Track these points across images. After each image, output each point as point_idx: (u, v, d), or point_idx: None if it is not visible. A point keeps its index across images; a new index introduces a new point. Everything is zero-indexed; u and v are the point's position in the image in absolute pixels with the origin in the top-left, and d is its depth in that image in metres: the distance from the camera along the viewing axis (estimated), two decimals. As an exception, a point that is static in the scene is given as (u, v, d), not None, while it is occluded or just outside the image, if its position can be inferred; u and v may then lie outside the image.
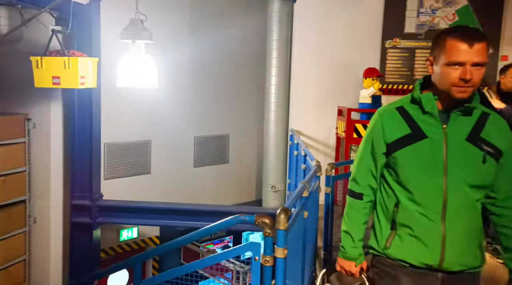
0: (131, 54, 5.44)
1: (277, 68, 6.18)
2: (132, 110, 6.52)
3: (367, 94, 5.55)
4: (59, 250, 6.12)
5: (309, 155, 4.04)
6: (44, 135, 5.80)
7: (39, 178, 5.90)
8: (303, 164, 4.16)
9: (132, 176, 6.68)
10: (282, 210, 2.24)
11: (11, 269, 5.80)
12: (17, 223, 5.84)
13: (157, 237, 7.10)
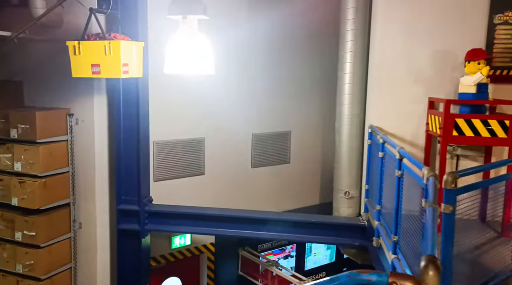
0: (181, 33, 4.57)
1: (352, 53, 5.11)
2: (184, 104, 5.82)
3: (471, 82, 4.36)
4: (106, 258, 5.57)
5: (411, 159, 3.01)
6: (87, 132, 5.26)
7: (83, 180, 5.38)
8: (398, 170, 3.16)
9: (183, 177, 6.02)
10: (429, 263, 1.30)
11: (56, 278, 5.33)
12: (61, 229, 5.36)
13: (212, 245, 6.41)
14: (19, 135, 4.91)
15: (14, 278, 5.25)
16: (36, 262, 5.09)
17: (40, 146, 4.91)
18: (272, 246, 6.96)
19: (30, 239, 5.07)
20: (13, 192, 5.03)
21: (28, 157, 4.93)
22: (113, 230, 5.51)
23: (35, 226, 5.04)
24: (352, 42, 5.09)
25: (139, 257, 5.34)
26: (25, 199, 4.98)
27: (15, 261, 5.20)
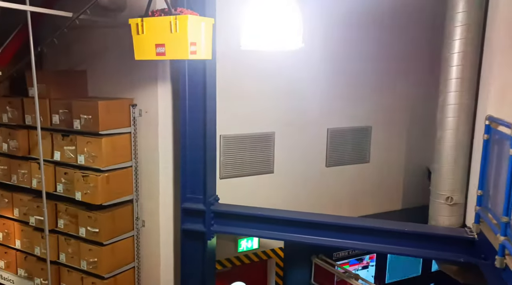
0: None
1: (465, 27, 4.12)
2: (252, 94, 5.29)
3: None
4: (169, 259, 5.23)
5: None
6: (151, 124, 4.92)
7: (147, 176, 5.06)
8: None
9: (251, 175, 5.51)
10: None
11: (119, 278, 5.08)
12: (124, 226, 5.10)
13: (281, 250, 5.85)
14: (82, 126, 4.69)
15: (78, 275, 5.09)
16: (100, 260, 4.87)
17: (103, 138, 4.66)
18: (348, 255, 6.24)
19: (93, 235, 4.86)
20: (76, 186, 4.84)
21: (91, 150, 4.70)
22: (177, 230, 5.15)
23: (98, 223, 4.82)
24: (464, 13, 4.10)
25: (204, 260, 4.91)
26: (88, 194, 4.77)
27: (79, 257, 5.03)
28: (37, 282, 5.41)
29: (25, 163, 5.29)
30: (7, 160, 5.46)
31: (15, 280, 5.75)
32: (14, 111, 5.19)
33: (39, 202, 5.21)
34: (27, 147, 5.25)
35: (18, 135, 5.19)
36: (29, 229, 5.43)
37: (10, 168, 5.46)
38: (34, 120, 5.02)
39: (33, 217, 5.30)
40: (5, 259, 5.77)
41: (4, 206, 5.63)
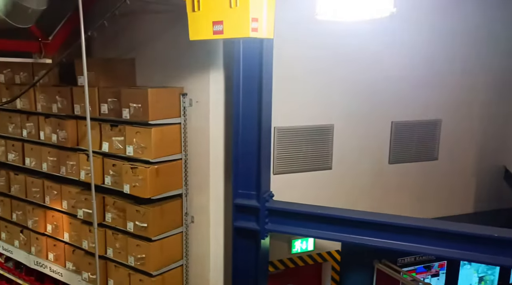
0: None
1: None
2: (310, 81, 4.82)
3: None
4: (219, 258, 4.92)
5: None
6: (202, 115, 4.61)
7: (197, 169, 4.76)
8: None
9: (306, 171, 5.08)
10: None
11: (167, 276, 4.83)
12: (173, 222, 4.83)
13: (338, 252, 5.39)
14: (131, 116, 4.46)
15: (125, 271, 4.89)
16: (148, 256, 4.63)
17: (153, 129, 4.39)
18: (415, 261, 5.65)
19: (141, 230, 4.62)
20: (124, 179, 4.62)
21: (140, 141, 4.46)
22: (228, 227, 4.82)
23: (146, 217, 4.57)
24: None
25: (257, 260, 4.55)
26: (136, 186, 4.53)
27: (126, 253, 4.82)
28: (85, 276, 5.27)
29: (73, 154, 5.16)
30: (56, 151, 5.36)
31: (63, 273, 5.66)
32: (64, 100, 5.06)
33: (87, 194, 5.06)
34: (75, 138, 5.11)
35: (67, 126, 5.06)
36: (77, 222, 5.30)
37: (59, 160, 5.35)
38: (83, 109, 4.86)
39: (81, 210, 5.16)
40: (54, 251, 5.69)
41: (53, 198, 5.54)
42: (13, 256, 6.34)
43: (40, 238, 5.81)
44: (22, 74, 5.50)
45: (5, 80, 5.72)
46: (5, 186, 6.10)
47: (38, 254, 5.89)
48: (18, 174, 5.91)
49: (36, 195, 5.72)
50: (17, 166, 5.95)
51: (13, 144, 5.87)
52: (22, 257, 6.18)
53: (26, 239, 6.01)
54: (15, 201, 6.06)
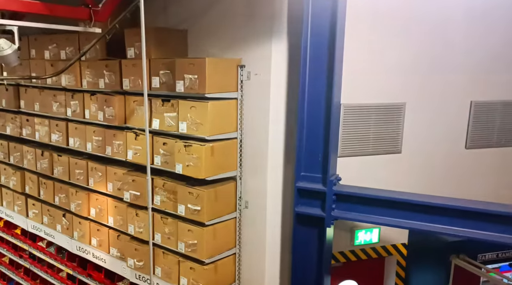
0: None
1: None
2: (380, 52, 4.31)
3: None
4: (276, 247, 4.49)
5: None
6: (261, 90, 4.19)
7: (253, 149, 4.35)
8: None
9: (374, 154, 4.58)
10: None
11: (220, 264, 4.45)
12: (226, 207, 4.44)
13: (404, 245, 4.87)
14: (186, 89, 4.08)
15: (175, 258, 4.54)
16: (200, 242, 4.26)
17: (209, 103, 4.00)
18: (497, 258, 5.04)
19: (194, 214, 4.25)
20: (177, 158, 4.26)
21: (195, 116, 4.08)
22: (286, 214, 4.40)
23: (200, 200, 4.20)
24: None
25: (321, 251, 4.11)
26: (190, 166, 4.16)
27: (176, 239, 4.47)
28: (130, 263, 4.97)
29: (120, 133, 4.85)
30: (102, 130, 5.07)
31: (107, 260, 5.38)
32: (111, 75, 4.75)
33: (135, 175, 4.74)
34: (123, 115, 4.79)
35: (115, 102, 4.74)
36: (123, 205, 5.00)
37: (104, 139, 5.06)
38: (133, 83, 4.53)
39: (127, 192, 4.84)
40: (98, 236, 5.41)
41: (98, 180, 5.26)
42: (55, 241, 6.13)
43: (83, 223, 5.55)
44: (68, 49, 5.24)
45: (50, 56, 5.48)
46: (48, 168, 5.89)
47: (80, 239, 5.64)
48: (62, 155, 5.68)
49: (80, 177, 5.46)
50: (60, 147, 5.72)
51: (57, 124, 5.64)
52: (64, 242, 5.96)
53: (69, 223, 5.77)
54: (58, 184, 5.83)
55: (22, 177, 6.38)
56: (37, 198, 6.23)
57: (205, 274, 4.30)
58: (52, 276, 6.44)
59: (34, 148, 6.06)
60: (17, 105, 6.20)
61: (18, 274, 7.09)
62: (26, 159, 6.22)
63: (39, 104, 5.84)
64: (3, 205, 6.89)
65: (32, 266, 6.80)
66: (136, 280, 5.05)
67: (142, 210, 4.77)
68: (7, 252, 7.28)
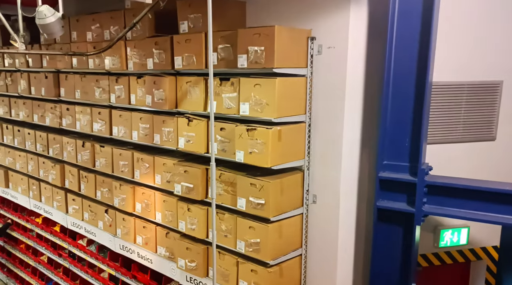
0: None
1: None
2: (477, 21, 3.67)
3: None
4: (349, 249, 3.91)
5: None
6: (335, 65, 3.61)
7: (324, 135, 3.77)
8: None
9: (463, 142, 3.94)
10: None
11: (285, 266, 3.89)
12: (292, 201, 3.88)
13: (495, 249, 4.19)
14: (250, 63, 3.55)
15: (233, 258, 4.01)
16: (264, 241, 3.71)
17: (277, 79, 3.46)
18: None
19: (257, 209, 3.71)
20: (237, 144, 3.73)
21: (260, 95, 3.54)
22: (362, 210, 3.80)
23: (264, 192, 3.65)
24: None
25: (407, 254, 3.49)
26: (254, 153, 3.62)
27: (235, 237, 3.95)
28: (181, 263, 4.47)
29: (170, 119, 4.38)
30: (149, 117, 4.61)
31: (153, 260, 4.91)
32: (161, 53, 4.28)
33: (187, 166, 4.25)
34: (174, 99, 4.31)
35: (165, 83, 4.27)
36: (173, 199, 4.52)
37: (152, 127, 4.60)
38: (187, 61, 4.04)
39: (178, 184, 4.36)
40: (144, 234, 4.96)
41: (144, 172, 4.80)
42: (96, 239, 5.72)
43: (128, 219, 5.11)
44: (112, 28, 4.82)
45: (93, 37, 5.08)
46: (89, 161, 5.49)
47: (124, 237, 5.20)
48: (104, 146, 5.26)
49: (124, 169, 5.02)
50: (103, 137, 5.32)
51: (99, 112, 5.23)
52: (106, 240, 5.54)
53: (112, 220, 5.35)
54: (100, 177, 5.42)
55: (62, 171, 6.02)
56: (77, 193, 5.86)
57: (269, 277, 3.75)
58: (93, 277, 6.04)
59: (74, 139, 5.69)
60: (57, 93, 5.85)
61: (57, 274, 6.74)
62: (66, 151, 5.86)
63: (80, 91, 5.46)
64: (42, 200, 6.56)
65: (71, 265, 6.43)
66: (187, 283, 4.56)
67: (195, 204, 4.28)
68: (45, 250, 6.96)
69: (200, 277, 4.34)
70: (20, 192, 6.99)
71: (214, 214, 3.27)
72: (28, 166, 6.63)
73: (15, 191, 7.11)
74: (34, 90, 6.22)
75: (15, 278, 7.90)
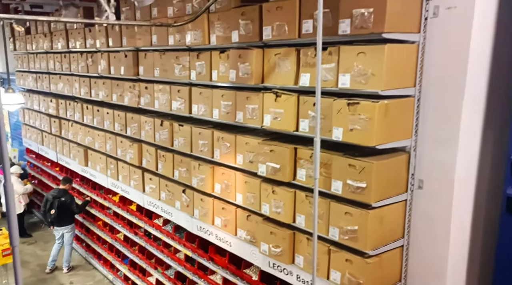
0: None
1: None
2: None
3: None
4: (463, 243, 3.42)
5: None
6: (457, 30, 3.09)
7: (437, 111, 3.28)
8: None
9: None
10: None
11: (385, 257, 3.49)
12: (394, 186, 3.45)
13: None
14: (354, 28, 3.14)
15: (324, 246, 3.67)
16: (363, 229, 3.33)
17: (387, 45, 3.02)
18: None
19: (356, 193, 3.33)
20: (335, 121, 3.36)
21: (365, 64, 3.13)
22: (484, 198, 3.29)
23: (365, 175, 3.26)
24: None
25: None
26: (355, 131, 3.23)
27: (327, 223, 3.60)
28: (264, 248, 4.22)
29: (255, 95, 4.09)
30: (232, 93, 4.36)
31: (233, 243, 4.71)
32: (248, 24, 3.99)
33: (274, 145, 3.95)
34: (260, 73, 4.01)
35: (252, 56, 3.98)
36: (256, 180, 4.26)
37: (235, 104, 4.35)
38: (277, 31, 3.71)
39: (263, 165, 4.08)
40: (223, 216, 4.77)
41: (225, 152, 4.58)
42: (173, 219, 5.66)
43: (206, 200, 4.95)
44: (194, 1, 4.60)
45: (174, 12, 4.90)
46: (167, 140, 5.39)
47: (202, 218, 5.06)
48: (183, 124, 5.12)
49: (204, 148, 4.85)
50: (182, 116, 5.18)
51: (178, 90, 5.08)
52: (183, 221, 5.45)
53: (189, 200, 5.22)
54: (178, 156, 5.31)
55: (139, 150, 6.00)
56: (154, 172, 5.81)
57: (368, 269, 3.38)
58: (168, 257, 6.02)
59: (152, 118, 5.62)
60: (136, 72, 5.80)
61: (132, 252, 6.84)
62: (143, 130, 5.82)
63: (159, 69, 5.35)
64: (119, 179, 6.63)
65: (147, 244, 6.47)
66: (269, 268, 4.31)
67: (281, 186, 3.98)
68: (122, 228, 7.08)
69: (285, 263, 4.06)
70: (98, 171, 7.14)
71: (316, 199, 2.94)
72: (107, 145, 6.72)
73: (94, 169, 7.28)
74: (113, 70, 6.24)
75: (93, 253, 8.19)
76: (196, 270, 5.44)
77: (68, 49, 7.37)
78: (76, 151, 7.70)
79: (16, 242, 1.61)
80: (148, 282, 6.51)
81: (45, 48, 8.20)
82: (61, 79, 7.92)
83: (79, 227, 8.51)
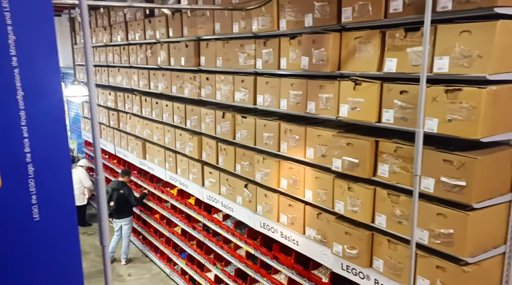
0: None
1: None
2: None
3: None
4: None
5: None
6: None
7: None
8: None
9: None
10: None
11: (484, 265, 3.07)
12: (497, 185, 3.02)
13: None
14: (457, 4, 2.75)
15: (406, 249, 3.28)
16: (460, 233, 2.94)
17: (499, 22, 2.60)
18: None
19: (452, 192, 2.94)
20: (429, 110, 2.97)
21: (469, 45, 2.72)
22: None
23: (465, 172, 2.86)
24: None
25: None
26: (454, 121, 2.84)
27: (415, 225, 3.22)
28: (337, 249, 3.91)
29: (330, 83, 3.77)
30: (303, 82, 4.07)
31: (300, 242, 4.44)
32: (325, 6, 3.67)
33: (351, 137, 3.62)
34: (337, 59, 3.69)
35: (328, 41, 3.66)
36: (329, 176, 3.95)
37: (306, 93, 4.06)
38: (360, 12, 3.37)
39: (338, 159, 3.76)
40: (289, 213, 4.50)
41: (293, 145, 4.30)
42: (234, 214, 5.47)
43: (270, 195, 4.70)
44: (262, -15, 4.32)
45: (239, -2, 4.67)
46: (229, 132, 5.19)
47: (266, 215, 4.82)
48: (247, 116, 4.89)
49: (269, 141, 4.59)
50: (245, 107, 4.96)
51: (242, 80, 4.85)
52: (244, 217, 5.24)
53: (252, 195, 5.00)
54: (240, 150, 5.10)
55: (199, 143, 5.86)
56: (215, 166, 5.65)
57: (465, 278, 2.98)
58: (228, 253, 5.85)
59: (213, 110, 5.44)
60: (197, 62, 5.65)
61: (190, 246, 6.75)
62: (204, 123, 5.66)
63: (222, 58, 5.15)
64: (178, 172, 6.54)
65: (206, 239, 6.35)
66: (342, 271, 3.99)
67: (358, 183, 3.65)
68: (179, 222, 7.01)
69: (362, 267, 3.73)
70: (156, 164, 7.11)
71: (416, 199, 2.59)
72: (165, 138, 6.65)
73: (152, 162, 7.26)
74: (173, 61, 6.13)
75: (149, 246, 8.22)
76: (259, 268, 5.22)
77: (127, 41, 7.38)
78: (134, 144, 7.72)
79: (105, 242, 1.43)
80: (206, 278, 6.39)
81: (104, 41, 8.29)
82: (120, 72, 7.97)
83: (136, 219, 8.57)
